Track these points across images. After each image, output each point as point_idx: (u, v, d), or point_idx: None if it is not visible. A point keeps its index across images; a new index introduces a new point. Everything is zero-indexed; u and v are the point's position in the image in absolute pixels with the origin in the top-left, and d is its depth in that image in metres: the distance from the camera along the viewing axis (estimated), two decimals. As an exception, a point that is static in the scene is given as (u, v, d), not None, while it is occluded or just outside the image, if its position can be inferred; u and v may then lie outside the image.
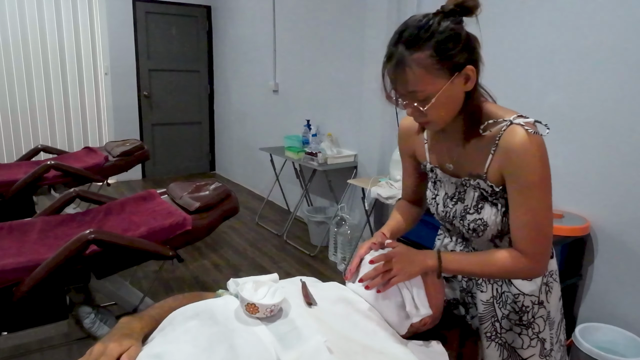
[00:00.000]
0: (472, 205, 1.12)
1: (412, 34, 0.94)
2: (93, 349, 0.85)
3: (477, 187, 1.10)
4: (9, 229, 2.04)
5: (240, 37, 5.23)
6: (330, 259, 3.49)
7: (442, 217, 1.22)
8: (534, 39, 2.30)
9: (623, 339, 1.98)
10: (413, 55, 0.94)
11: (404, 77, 0.95)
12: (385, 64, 1.00)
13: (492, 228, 1.10)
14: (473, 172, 1.09)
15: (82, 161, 3.21)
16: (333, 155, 3.49)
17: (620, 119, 2.01)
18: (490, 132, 1.02)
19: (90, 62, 5.36)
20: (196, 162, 6.20)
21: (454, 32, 0.94)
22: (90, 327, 1.87)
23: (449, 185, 1.17)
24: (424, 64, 0.93)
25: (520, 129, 0.98)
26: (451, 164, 1.14)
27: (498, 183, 1.05)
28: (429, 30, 0.93)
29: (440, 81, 0.95)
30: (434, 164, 1.20)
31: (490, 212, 1.09)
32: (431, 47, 0.93)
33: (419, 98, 0.98)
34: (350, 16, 3.52)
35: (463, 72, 0.96)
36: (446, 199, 1.19)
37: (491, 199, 1.09)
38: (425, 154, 1.22)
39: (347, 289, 1.15)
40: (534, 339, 1.19)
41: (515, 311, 1.18)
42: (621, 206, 2.04)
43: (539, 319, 1.19)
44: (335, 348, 0.88)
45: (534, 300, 1.17)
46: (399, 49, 0.95)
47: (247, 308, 0.93)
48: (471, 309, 1.28)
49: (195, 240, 2.09)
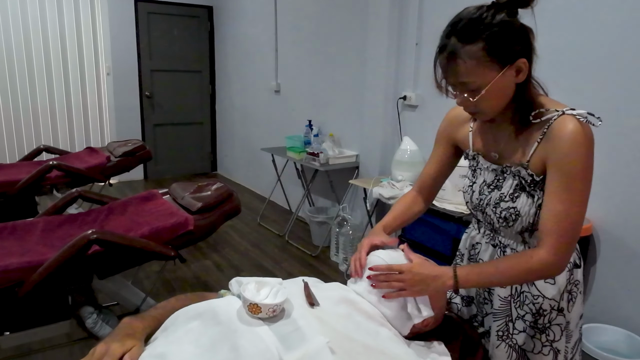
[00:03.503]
0: (509, 193, 1.11)
1: (465, 27, 0.95)
2: (96, 348, 0.86)
3: (516, 175, 1.10)
4: (12, 229, 2.04)
5: (242, 37, 5.24)
6: (332, 259, 3.49)
7: (475, 206, 1.21)
8: (538, 38, 2.30)
9: (626, 339, 1.98)
10: (465, 47, 0.95)
11: (456, 68, 0.97)
12: (437, 54, 1.01)
13: (524, 219, 1.09)
14: (516, 160, 1.09)
15: (85, 161, 3.21)
16: (335, 156, 3.49)
17: (623, 120, 2.01)
18: (540, 120, 1.03)
19: (92, 62, 5.37)
20: (198, 162, 6.20)
21: (507, 25, 0.96)
22: (93, 327, 1.87)
23: (489, 173, 1.17)
24: (476, 56, 0.95)
25: (572, 118, 0.98)
26: (497, 153, 1.15)
27: (539, 172, 1.05)
28: (482, 23, 0.95)
29: (491, 73, 0.97)
30: (476, 152, 1.21)
31: (525, 202, 1.08)
32: (483, 40, 0.94)
33: (470, 88, 0.99)
34: (352, 16, 3.52)
35: (515, 65, 0.98)
36: (483, 186, 1.18)
37: (529, 188, 1.08)
38: (469, 142, 1.23)
39: (349, 289, 1.15)
40: (546, 346, 1.16)
41: (532, 313, 1.16)
42: (624, 207, 2.04)
43: (555, 327, 1.16)
44: (337, 348, 0.88)
45: (553, 305, 1.15)
46: (451, 41, 0.97)
47: (250, 308, 0.93)
48: (486, 305, 1.26)
49: (197, 241, 2.09)
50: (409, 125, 3.16)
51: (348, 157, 3.56)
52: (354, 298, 1.09)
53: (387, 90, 3.18)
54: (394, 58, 3.14)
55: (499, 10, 0.96)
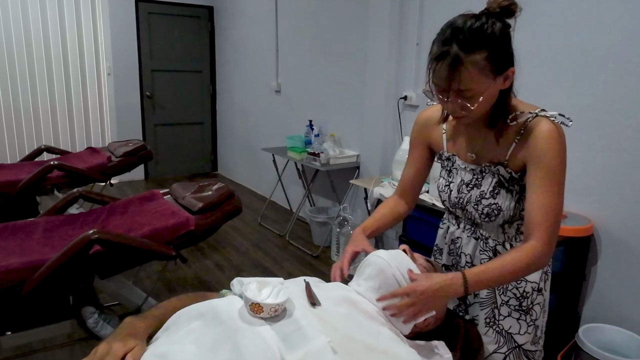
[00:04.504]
0: (489, 190, 1.17)
1: (468, 36, 0.97)
2: (98, 348, 0.85)
3: (496, 174, 1.16)
4: (13, 229, 2.04)
5: (243, 37, 5.24)
6: (333, 259, 3.49)
7: (454, 204, 1.26)
8: (536, 39, 2.30)
9: (626, 339, 1.98)
10: (470, 56, 0.97)
11: (458, 76, 0.98)
12: (433, 60, 1.01)
13: (505, 213, 1.16)
14: (494, 160, 1.15)
15: (85, 161, 3.22)
16: (335, 156, 3.50)
17: (624, 120, 2.01)
18: (516, 122, 1.09)
19: (93, 62, 5.38)
20: (198, 162, 6.21)
21: (506, 34, 1.00)
22: (94, 327, 1.88)
23: (466, 172, 1.22)
24: (479, 65, 0.98)
25: (547, 119, 1.06)
26: (473, 153, 1.20)
27: (517, 170, 1.12)
28: (484, 33, 0.97)
29: (488, 81, 1.01)
30: (451, 153, 1.25)
31: (506, 198, 1.15)
32: (486, 50, 0.97)
33: (466, 96, 1.01)
34: (353, 16, 3.52)
35: (505, 73, 1.02)
36: (462, 185, 1.23)
37: (507, 185, 1.15)
38: (442, 143, 1.28)
39: (351, 289, 1.15)
40: (530, 325, 1.24)
41: (516, 297, 1.22)
42: (625, 207, 2.04)
43: (536, 306, 1.24)
44: (339, 348, 0.88)
45: (534, 287, 1.22)
46: (453, 48, 0.97)
47: (252, 308, 0.93)
48: (468, 295, 1.30)
49: (198, 241, 2.09)
50: (410, 125, 3.14)
51: (349, 157, 3.56)
52: (355, 298, 1.09)
53: (388, 90, 3.18)
54: (394, 58, 3.14)
55: (496, 20, 0.99)
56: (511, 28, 1.02)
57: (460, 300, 1.34)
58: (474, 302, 1.29)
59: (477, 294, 1.28)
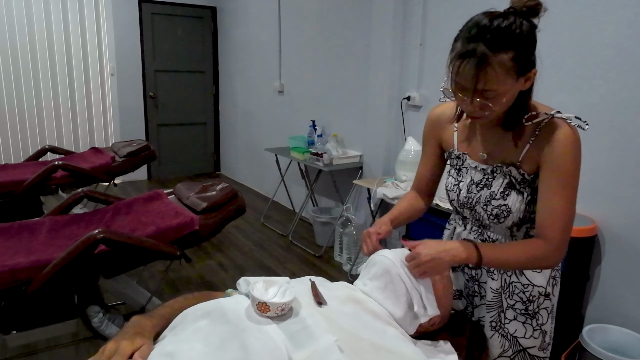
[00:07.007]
0: (499, 191, 1.15)
1: (497, 35, 0.94)
2: (105, 346, 0.86)
3: (507, 175, 1.14)
4: (18, 229, 2.05)
5: (246, 37, 5.25)
6: (336, 260, 3.49)
7: (462, 204, 1.24)
8: (541, 38, 2.30)
9: (631, 340, 1.97)
10: (498, 56, 0.94)
11: (483, 75, 0.95)
12: (457, 58, 0.97)
13: (515, 215, 1.14)
14: (506, 160, 1.13)
15: (89, 161, 3.23)
16: (338, 156, 3.50)
17: (628, 119, 2.00)
18: (531, 123, 1.06)
19: (96, 63, 5.39)
20: (201, 162, 6.22)
21: (533, 35, 0.98)
22: (99, 326, 1.88)
23: (477, 172, 1.20)
24: (506, 66, 0.95)
25: (563, 121, 1.04)
26: (485, 152, 1.18)
27: (530, 171, 1.10)
28: (513, 32, 0.95)
29: (511, 81, 0.98)
30: (462, 152, 1.23)
31: (516, 199, 1.13)
32: (514, 50, 0.95)
33: (488, 96, 0.99)
34: (356, 17, 3.52)
35: (527, 74, 1.00)
36: (471, 184, 1.21)
37: (519, 186, 1.13)
38: (453, 142, 1.26)
39: (356, 288, 1.15)
40: (537, 330, 1.22)
41: (522, 301, 1.21)
42: (629, 207, 2.04)
43: (542, 311, 1.22)
44: (345, 347, 0.89)
45: (541, 291, 1.21)
46: (480, 47, 0.94)
47: (258, 307, 0.93)
48: (475, 297, 1.30)
49: (202, 240, 2.10)
50: (413, 125, 3.16)
51: (352, 158, 3.56)
52: (361, 297, 1.09)
53: (391, 90, 3.19)
54: (398, 58, 3.14)
55: (523, 19, 0.96)
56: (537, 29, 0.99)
57: (468, 302, 1.33)
58: (481, 304, 1.28)
59: (483, 295, 1.27)
